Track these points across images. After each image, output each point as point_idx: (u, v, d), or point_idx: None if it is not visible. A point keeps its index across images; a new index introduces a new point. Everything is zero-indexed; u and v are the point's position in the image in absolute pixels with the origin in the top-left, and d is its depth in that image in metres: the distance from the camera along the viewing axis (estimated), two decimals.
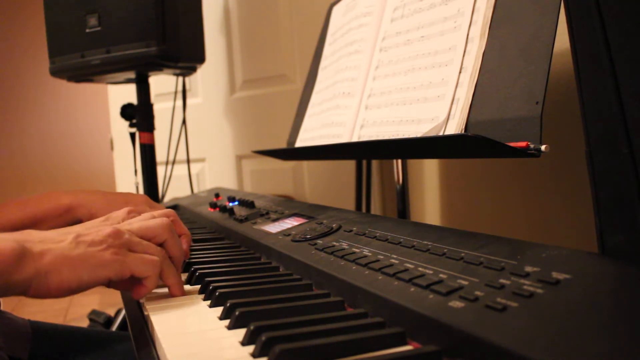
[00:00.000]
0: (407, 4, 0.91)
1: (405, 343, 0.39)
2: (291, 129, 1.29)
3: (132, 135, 1.64)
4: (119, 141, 2.25)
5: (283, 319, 0.43)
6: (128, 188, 2.06)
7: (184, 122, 1.78)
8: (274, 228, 0.78)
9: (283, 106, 1.88)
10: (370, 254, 0.54)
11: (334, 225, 0.69)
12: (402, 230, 0.59)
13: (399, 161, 1.15)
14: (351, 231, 0.65)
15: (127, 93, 1.75)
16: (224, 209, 1.03)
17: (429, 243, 0.52)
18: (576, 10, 0.41)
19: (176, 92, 1.77)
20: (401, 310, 0.41)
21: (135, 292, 0.56)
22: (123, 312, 1.78)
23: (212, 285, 0.57)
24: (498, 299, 0.36)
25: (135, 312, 0.58)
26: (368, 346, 0.38)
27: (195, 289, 0.60)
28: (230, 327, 0.45)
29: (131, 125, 1.64)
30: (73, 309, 2.62)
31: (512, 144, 0.59)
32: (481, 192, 1.31)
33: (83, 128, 4.06)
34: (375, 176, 1.73)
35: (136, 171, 1.67)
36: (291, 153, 1.31)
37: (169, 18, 1.42)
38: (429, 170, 1.50)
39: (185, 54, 1.49)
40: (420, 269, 0.46)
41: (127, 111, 1.63)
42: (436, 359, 0.35)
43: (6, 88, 3.92)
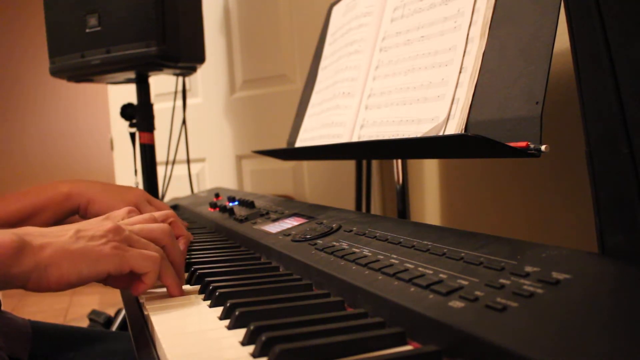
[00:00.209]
0: (407, 4, 0.91)
1: (405, 343, 0.39)
2: (291, 129, 1.29)
3: (132, 135, 1.64)
4: (119, 141, 2.25)
5: (283, 319, 0.43)
6: None
7: (184, 122, 1.77)
8: (274, 228, 0.78)
9: (283, 106, 1.88)
10: (370, 254, 0.54)
11: (334, 225, 0.69)
12: (402, 230, 0.59)
13: (399, 161, 1.15)
14: (351, 231, 0.65)
15: (127, 93, 1.75)
16: (224, 209, 1.03)
17: (429, 243, 0.52)
18: (576, 10, 0.41)
19: (176, 92, 1.77)
20: (401, 310, 0.41)
21: (134, 289, 0.56)
22: (123, 312, 1.78)
23: (212, 285, 0.57)
24: (498, 299, 0.36)
25: (135, 312, 0.58)
26: (368, 346, 0.38)
27: (195, 289, 0.60)
28: (230, 327, 0.45)
29: (131, 125, 1.64)
30: (73, 309, 2.62)
31: (512, 144, 0.59)
32: (481, 192, 1.31)
33: (83, 128, 4.06)
34: (375, 176, 1.73)
35: (136, 171, 1.67)
36: (291, 153, 1.31)
37: (169, 18, 1.42)
38: (429, 170, 1.50)
39: (185, 54, 1.49)
40: (420, 269, 0.46)
41: (127, 111, 1.63)
42: (436, 359, 0.35)
43: (6, 88, 3.92)
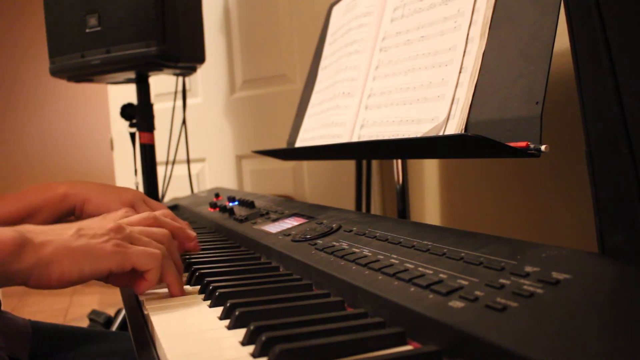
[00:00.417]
0: (407, 4, 0.91)
1: (405, 343, 0.39)
2: (291, 129, 1.29)
3: (132, 135, 1.64)
4: (119, 141, 2.25)
5: (283, 319, 0.43)
6: None
7: (184, 122, 1.77)
8: (274, 228, 0.78)
9: (283, 106, 1.88)
10: (370, 254, 0.54)
11: (334, 225, 0.69)
12: (402, 230, 0.59)
13: (399, 161, 1.15)
14: (351, 231, 0.65)
15: (127, 93, 1.75)
16: (224, 209, 1.03)
17: (429, 243, 0.52)
18: (576, 10, 0.41)
19: (176, 92, 1.77)
20: (401, 310, 0.41)
21: (137, 286, 0.55)
22: (123, 312, 1.78)
23: (212, 285, 0.57)
24: (498, 299, 0.36)
25: (135, 312, 0.58)
26: (368, 346, 0.38)
27: (195, 289, 0.60)
28: (230, 327, 0.45)
29: (131, 125, 1.64)
30: (73, 309, 2.62)
31: (512, 144, 0.59)
32: (481, 192, 1.31)
33: (83, 128, 4.06)
34: (375, 176, 1.73)
35: (136, 171, 1.67)
36: (291, 153, 1.31)
37: (169, 18, 1.42)
38: (429, 170, 1.50)
39: (185, 54, 1.49)
40: (420, 269, 0.46)
41: (127, 111, 1.63)
42: (436, 359, 0.35)
43: (6, 88, 3.92)
